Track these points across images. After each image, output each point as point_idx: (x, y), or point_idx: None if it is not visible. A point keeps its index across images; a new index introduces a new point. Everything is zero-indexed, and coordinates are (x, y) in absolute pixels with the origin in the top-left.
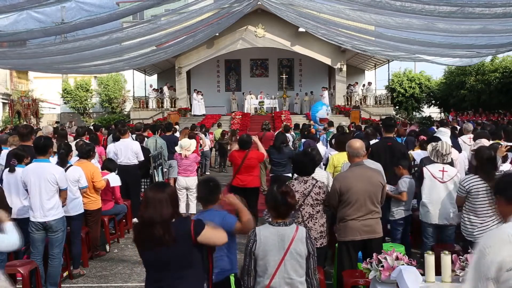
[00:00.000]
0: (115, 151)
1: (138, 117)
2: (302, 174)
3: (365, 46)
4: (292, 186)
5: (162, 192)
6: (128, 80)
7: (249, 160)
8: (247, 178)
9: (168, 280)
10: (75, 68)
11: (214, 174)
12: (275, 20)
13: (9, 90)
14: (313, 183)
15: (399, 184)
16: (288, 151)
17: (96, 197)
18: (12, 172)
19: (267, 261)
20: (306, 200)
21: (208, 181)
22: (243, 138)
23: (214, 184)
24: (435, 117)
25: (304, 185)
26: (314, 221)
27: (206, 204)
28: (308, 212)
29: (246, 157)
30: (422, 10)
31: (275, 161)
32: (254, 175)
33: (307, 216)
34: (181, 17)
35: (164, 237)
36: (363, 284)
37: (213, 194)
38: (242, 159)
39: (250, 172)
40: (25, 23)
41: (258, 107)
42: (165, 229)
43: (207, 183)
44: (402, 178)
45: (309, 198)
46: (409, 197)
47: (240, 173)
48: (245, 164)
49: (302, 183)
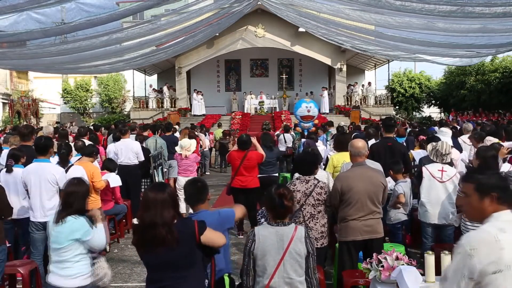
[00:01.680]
0: (115, 151)
1: (138, 117)
2: (304, 174)
3: (365, 46)
4: (294, 185)
5: (162, 193)
6: (128, 80)
7: (248, 160)
8: (247, 178)
9: (171, 280)
10: (75, 68)
11: (214, 174)
12: (275, 20)
13: (9, 90)
14: (314, 183)
15: (396, 188)
16: (277, 151)
17: (95, 197)
18: (9, 172)
19: (266, 261)
20: (308, 200)
21: (196, 182)
22: (242, 139)
23: (201, 184)
24: (435, 117)
25: (306, 185)
26: (315, 221)
27: (195, 205)
28: (309, 212)
29: (245, 158)
30: (422, 9)
31: (266, 160)
32: (254, 176)
33: (308, 216)
34: (181, 17)
35: (167, 238)
36: (363, 284)
37: (201, 193)
38: (241, 159)
39: (249, 173)
40: (25, 24)
41: (258, 107)
42: (168, 230)
43: (195, 183)
44: (398, 183)
45: (311, 198)
46: (406, 200)
47: (239, 173)
48: (244, 164)
49: (304, 183)
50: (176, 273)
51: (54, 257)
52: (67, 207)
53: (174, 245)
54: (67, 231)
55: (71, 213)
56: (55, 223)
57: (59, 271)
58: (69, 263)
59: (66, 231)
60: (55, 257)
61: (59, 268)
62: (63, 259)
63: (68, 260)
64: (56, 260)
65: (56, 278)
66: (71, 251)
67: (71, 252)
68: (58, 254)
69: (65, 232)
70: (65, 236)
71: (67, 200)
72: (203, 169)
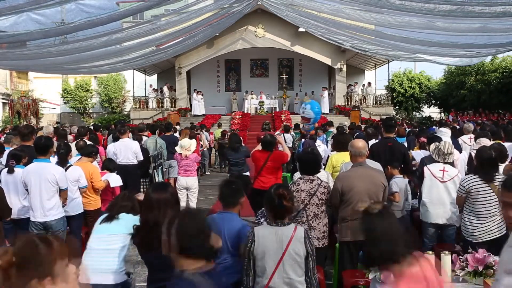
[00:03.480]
0: (114, 151)
1: (138, 117)
2: (308, 173)
3: (366, 46)
4: (297, 185)
5: (165, 193)
6: (128, 80)
7: (272, 161)
8: (270, 180)
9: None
10: (76, 68)
11: (214, 174)
12: (275, 20)
13: (9, 90)
14: (318, 183)
15: (391, 185)
16: (244, 150)
17: (95, 197)
18: (10, 172)
19: (266, 261)
20: (312, 200)
21: (231, 183)
22: (266, 139)
23: (236, 186)
24: (435, 117)
25: (310, 185)
26: (318, 220)
27: (226, 207)
28: (313, 211)
29: (269, 158)
30: (422, 8)
31: (232, 161)
32: (278, 177)
33: (312, 216)
34: (181, 18)
35: None
36: (363, 284)
37: (234, 196)
38: (264, 160)
39: (273, 174)
40: (25, 25)
41: (258, 107)
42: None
43: (230, 184)
44: (393, 178)
45: (315, 198)
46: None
47: (262, 174)
48: (267, 165)
49: (308, 183)
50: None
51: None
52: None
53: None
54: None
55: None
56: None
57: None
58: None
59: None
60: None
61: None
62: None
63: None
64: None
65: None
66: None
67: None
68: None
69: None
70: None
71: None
72: (203, 169)
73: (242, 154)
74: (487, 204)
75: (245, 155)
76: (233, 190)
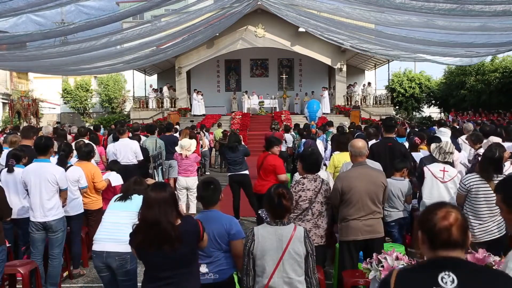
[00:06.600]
0: (114, 151)
1: (138, 117)
2: (312, 172)
3: (366, 45)
4: (302, 185)
5: (163, 192)
6: (128, 80)
7: (266, 164)
8: (263, 183)
9: (171, 279)
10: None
11: (214, 174)
12: (275, 20)
13: (9, 90)
14: (321, 181)
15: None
16: (242, 149)
17: (97, 197)
18: (10, 172)
19: (266, 260)
20: (317, 198)
21: (209, 184)
22: (265, 138)
23: (214, 186)
24: (435, 117)
25: (314, 183)
26: (323, 218)
27: (208, 206)
28: (318, 210)
29: (264, 160)
30: (422, 7)
31: (230, 159)
32: (273, 182)
33: (317, 214)
34: (181, 18)
35: (172, 236)
36: (363, 284)
37: (214, 195)
38: (261, 162)
39: (268, 177)
40: (25, 26)
41: (258, 107)
42: (172, 228)
43: (208, 185)
44: (392, 180)
45: (320, 196)
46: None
47: (258, 177)
48: (263, 167)
49: (312, 181)
50: (176, 271)
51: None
52: None
53: (178, 242)
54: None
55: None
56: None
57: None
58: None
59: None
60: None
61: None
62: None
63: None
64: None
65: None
66: None
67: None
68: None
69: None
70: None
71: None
72: (203, 169)
73: (240, 153)
74: (486, 204)
75: (244, 154)
76: (212, 190)
